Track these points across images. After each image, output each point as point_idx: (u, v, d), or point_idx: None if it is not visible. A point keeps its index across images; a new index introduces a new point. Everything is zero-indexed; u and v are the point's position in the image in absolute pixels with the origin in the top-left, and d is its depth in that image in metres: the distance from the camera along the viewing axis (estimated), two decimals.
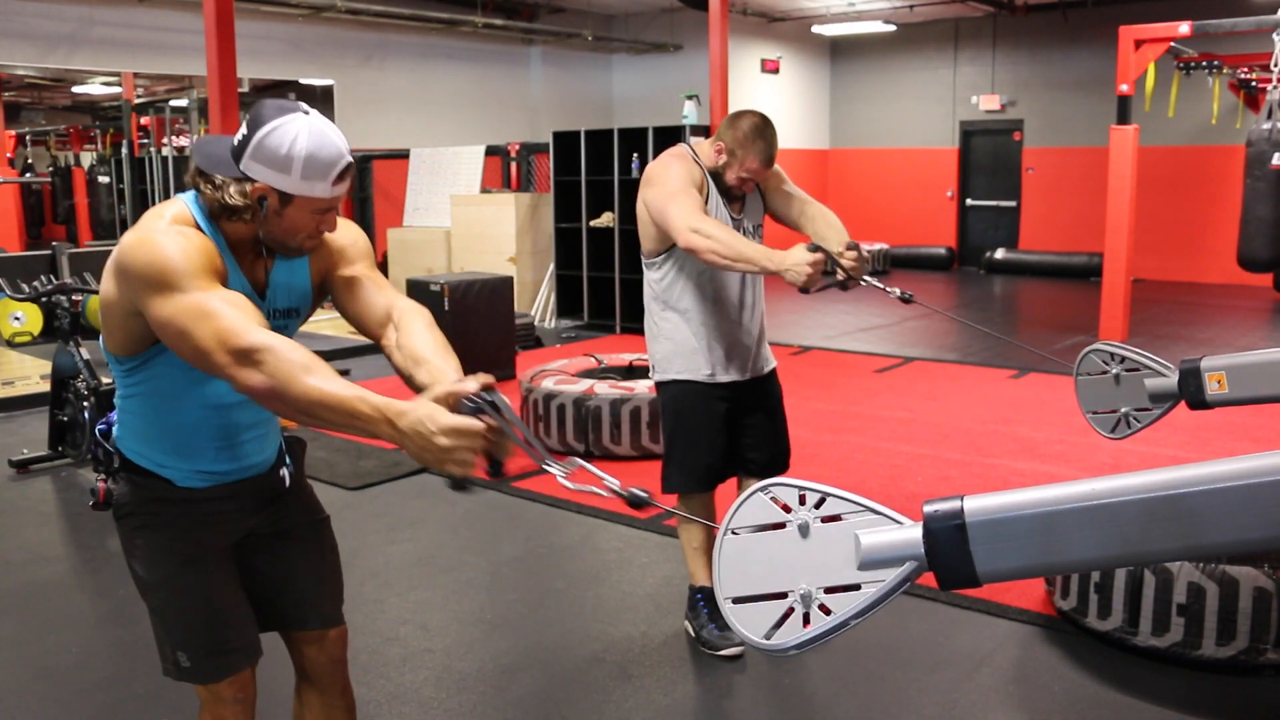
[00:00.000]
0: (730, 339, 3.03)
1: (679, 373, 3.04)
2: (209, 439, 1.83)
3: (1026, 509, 1.05)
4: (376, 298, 1.88)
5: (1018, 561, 1.06)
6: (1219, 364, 2.33)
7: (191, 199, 1.74)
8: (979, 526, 1.05)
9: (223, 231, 1.73)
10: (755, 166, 2.91)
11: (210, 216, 1.72)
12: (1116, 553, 1.04)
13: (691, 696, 2.94)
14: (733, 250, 2.66)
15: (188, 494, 1.84)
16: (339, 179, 1.70)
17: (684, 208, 2.76)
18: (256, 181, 1.67)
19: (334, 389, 1.50)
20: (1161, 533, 1.01)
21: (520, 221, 9.82)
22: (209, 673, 1.88)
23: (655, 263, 3.06)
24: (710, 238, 2.67)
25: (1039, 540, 1.04)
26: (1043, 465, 5.03)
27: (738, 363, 3.05)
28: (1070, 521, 1.04)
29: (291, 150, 1.65)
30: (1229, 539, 1.01)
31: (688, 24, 13.12)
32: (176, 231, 1.66)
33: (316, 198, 1.69)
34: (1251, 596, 2.82)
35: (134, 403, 1.82)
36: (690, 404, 3.04)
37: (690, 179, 2.88)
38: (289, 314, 1.89)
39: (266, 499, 1.96)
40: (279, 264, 1.84)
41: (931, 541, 1.05)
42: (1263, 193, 7.10)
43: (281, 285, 1.86)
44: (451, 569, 3.85)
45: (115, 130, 12.77)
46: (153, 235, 1.64)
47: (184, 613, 1.87)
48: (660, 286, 3.07)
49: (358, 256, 1.94)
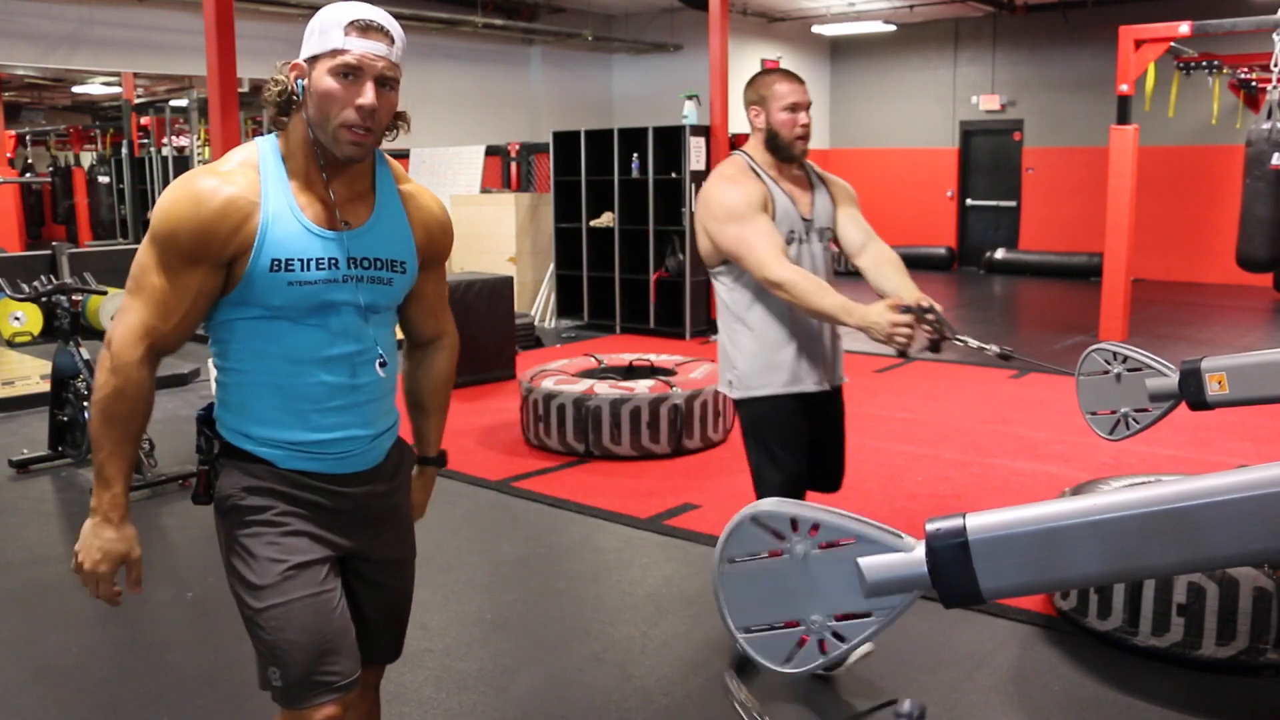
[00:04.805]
0: (808, 347, 2.86)
1: (760, 388, 2.85)
2: (303, 399, 1.71)
3: (1029, 526, 1.05)
4: (434, 315, 1.97)
5: (1021, 578, 1.06)
6: (1220, 365, 2.33)
7: (267, 139, 1.71)
8: (982, 544, 1.04)
9: (288, 169, 1.68)
10: (785, 89, 2.78)
11: (282, 155, 1.69)
12: (1119, 567, 1.04)
13: (691, 696, 2.94)
14: (813, 305, 2.58)
15: (293, 481, 1.73)
16: (355, 29, 1.61)
17: (760, 253, 2.65)
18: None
19: None
20: (1163, 546, 1.01)
21: (520, 221, 9.82)
22: (300, 699, 1.71)
23: (719, 272, 2.89)
24: (790, 291, 2.60)
25: (1042, 556, 1.04)
26: (1043, 465, 5.03)
27: (816, 373, 2.88)
28: (1073, 537, 1.03)
29: (316, 19, 1.65)
30: (1231, 552, 1.01)
31: (688, 24, 13.12)
32: (213, 178, 1.64)
33: (334, 49, 1.61)
34: (1251, 596, 2.82)
35: (226, 376, 1.74)
36: (777, 419, 2.87)
37: (750, 202, 2.73)
38: (393, 266, 1.76)
39: (373, 512, 1.84)
40: (377, 212, 1.75)
41: (934, 560, 1.05)
42: (1262, 192, 7.10)
43: (374, 229, 1.74)
44: (451, 569, 3.85)
45: (115, 130, 12.78)
46: (182, 194, 1.64)
47: (288, 630, 1.70)
48: (730, 298, 2.89)
49: (444, 251, 1.91)
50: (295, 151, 1.68)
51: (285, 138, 1.69)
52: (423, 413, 2.04)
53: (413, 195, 1.83)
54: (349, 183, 1.72)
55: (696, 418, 5.27)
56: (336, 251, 1.68)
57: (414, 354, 2.03)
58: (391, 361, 1.81)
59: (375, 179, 1.77)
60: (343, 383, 1.73)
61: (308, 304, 1.67)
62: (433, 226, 1.85)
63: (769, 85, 2.81)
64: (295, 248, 1.65)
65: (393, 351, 1.82)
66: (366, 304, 1.73)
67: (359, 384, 1.75)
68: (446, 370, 2.03)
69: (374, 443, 1.81)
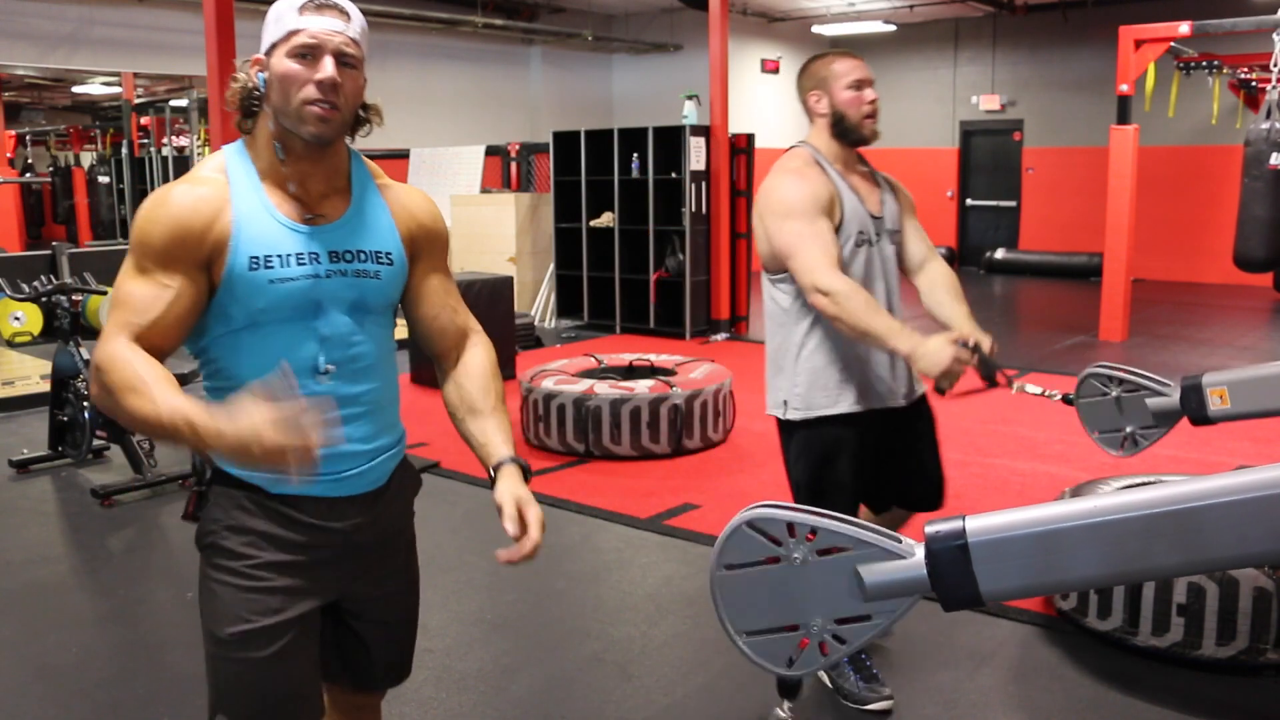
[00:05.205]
0: (876, 361, 2.62)
1: (826, 407, 2.61)
2: None
3: (1028, 528, 1.05)
4: (450, 313, 1.79)
5: (1021, 580, 1.06)
6: (1221, 379, 2.32)
7: (234, 144, 1.66)
8: (981, 547, 1.05)
9: (257, 169, 1.62)
10: (846, 65, 2.59)
11: (250, 156, 1.63)
12: (1119, 569, 1.04)
13: (691, 696, 2.95)
14: (860, 323, 2.38)
15: (282, 518, 1.61)
16: (309, 8, 1.57)
17: (811, 256, 2.45)
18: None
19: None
20: (1164, 548, 1.01)
21: (520, 221, 9.82)
22: None
23: (778, 279, 2.64)
24: (837, 303, 2.40)
25: (1042, 559, 1.04)
26: (1043, 465, 5.03)
27: (885, 388, 2.65)
28: (1072, 540, 1.04)
29: (271, 9, 1.60)
30: (1231, 553, 1.01)
31: (688, 24, 13.12)
32: (179, 195, 1.58)
33: (289, 31, 1.56)
34: (1251, 596, 2.82)
35: (215, 397, 1.62)
36: (830, 448, 2.62)
37: (814, 200, 2.51)
38: (377, 257, 1.66)
39: (367, 548, 1.70)
40: (355, 205, 1.67)
41: (934, 563, 1.05)
42: (1260, 192, 7.10)
43: (353, 222, 1.66)
44: (451, 569, 3.85)
45: (115, 130, 12.77)
46: (151, 200, 1.58)
47: (239, 689, 1.62)
48: (794, 306, 2.62)
49: (436, 244, 1.78)
50: (263, 151, 1.62)
51: (252, 139, 1.64)
52: (478, 415, 1.74)
53: (392, 187, 1.76)
54: (324, 179, 1.65)
55: (696, 418, 5.27)
56: (317, 246, 1.61)
57: (445, 364, 1.81)
58: (390, 367, 1.72)
59: (351, 176, 1.70)
60: (336, 392, 1.61)
61: (293, 304, 1.58)
62: (417, 213, 1.75)
63: (827, 65, 2.61)
64: (271, 243, 1.58)
65: (390, 356, 1.73)
66: (356, 301, 1.64)
67: (354, 392, 1.64)
68: (487, 364, 1.80)
69: (375, 461, 1.68)
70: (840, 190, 2.58)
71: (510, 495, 1.65)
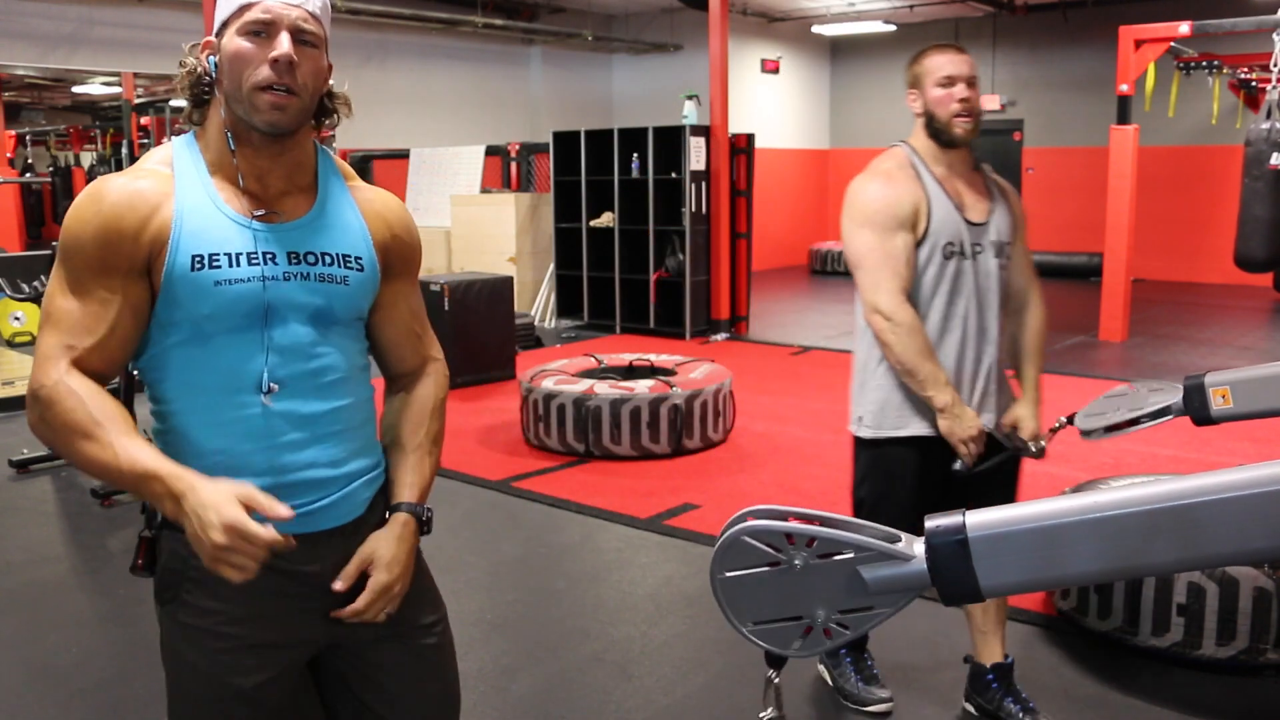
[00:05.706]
0: (961, 379, 2.49)
1: (884, 429, 2.53)
2: (250, 437, 1.43)
3: (1028, 523, 1.06)
4: (412, 338, 1.63)
5: (1020, 575, 1.07)
6: (1223, 379, 2.32)
7: (183, 136, 1.50)
8: (981, 541, 1.06)
9: (206, 161, 1.46)
10: (940, 61, 2.43)
11: (200, 148, 1.47)
12: (1119, 565, 1.05)
13: (691, 696, 2.95)
14: (907, 360, 2.35)
15: None
16: None
17: (877, 274, 2.37)
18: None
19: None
20: (1165, 544, 1.02)
21: (520, 221, 9.82)
22: None
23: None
24: (893, 331, 2.35)
25: (1041, 554, 1.05)
26: (1043, 465, 5.01)
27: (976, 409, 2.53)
28: (1072, 534, 1.04)
29: None
30: (1233, 550, 1.02)
31: (688, 24, 13.13)
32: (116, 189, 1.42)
33: (241, 7, 1.40)
34: (1251, 596, 2.82)
35: (162, 421, 1.47)
36: (894, 470, 2.54)
37: (893, 212, 2.39)
38: (345, 261, 1.49)
39: (356, 585, 1.48)
40: (320, 204, 1.50)
41: (934, 558, 1.06)
42: (1260, 192, 7.10)
43: (319, 221, 1.49)
44: (451, 569, 3.85)
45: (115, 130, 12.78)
46: (83, 196, 1.42)
47: None
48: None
49: (410, 259, 1.61)
50: (213, 142, 1.45)
51: (203, 130, 1.47)
52: (401, 450, 1.58)
53: (364, 189, 1.58)
54: (284, 175, 1.47)
55: (696, 418, 5.27)
56: (273, 245, 1.43)
57: (394, 386, 1.65)
58: (363, 383, 1.54)
59: (317, 172, 1.52)
60: (297, 411, 1.44)
61: (242, 310, 1.40)
62: (393, 222, 1.57)
63: (922, 61, 2.46)
64: (217, 240, 1.39)
65: (363, 372, 1.55)
66: (320, 309, 1.45)
67: (318, 411, 1.46)
68: (431, 399, 1.62)
69: (348, 488, 1.50)
70: (931, 195, 2.44)
71: (369, 549, 1.49)
